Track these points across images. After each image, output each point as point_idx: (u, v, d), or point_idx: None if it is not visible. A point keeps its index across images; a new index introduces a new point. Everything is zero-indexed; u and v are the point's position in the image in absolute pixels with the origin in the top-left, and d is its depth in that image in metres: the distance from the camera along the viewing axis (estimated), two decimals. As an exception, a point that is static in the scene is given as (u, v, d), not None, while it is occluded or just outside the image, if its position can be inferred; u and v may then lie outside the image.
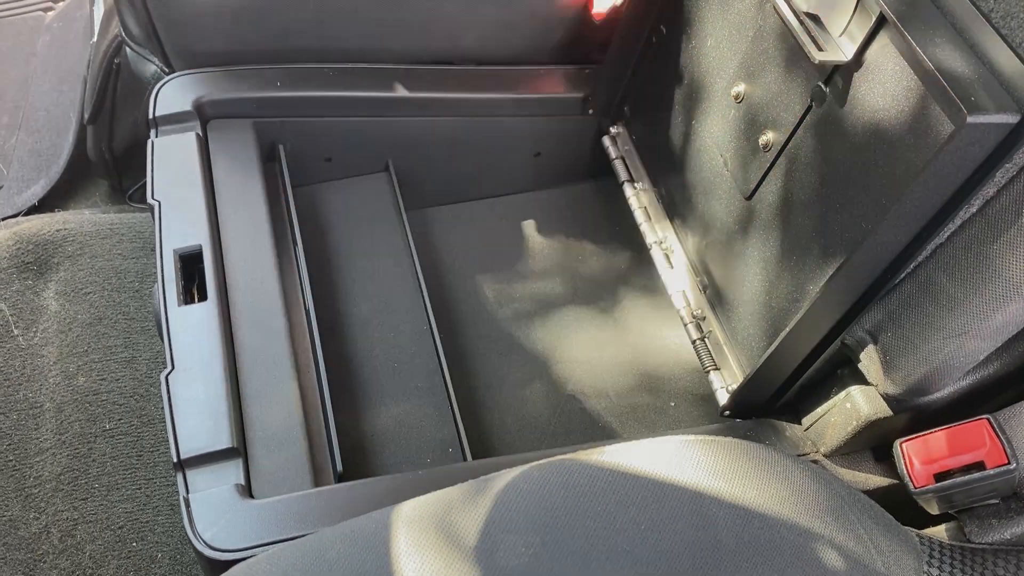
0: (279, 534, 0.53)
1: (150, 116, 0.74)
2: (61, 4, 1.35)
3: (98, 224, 0.93)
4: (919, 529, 0.60)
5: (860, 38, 0.54)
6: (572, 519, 0.48)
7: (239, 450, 0.57)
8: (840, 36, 0.56)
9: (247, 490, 0.56)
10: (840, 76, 0.57)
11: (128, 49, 0.97)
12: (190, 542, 0.53)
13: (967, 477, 0.56)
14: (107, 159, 1.07)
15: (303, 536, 0.50)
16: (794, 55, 0.61)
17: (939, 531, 0.62)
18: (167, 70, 0.94)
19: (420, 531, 0.48)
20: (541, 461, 0.52)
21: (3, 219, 1.07)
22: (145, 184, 0.71)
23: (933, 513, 0.61)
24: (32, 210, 1.09)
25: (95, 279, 0.89)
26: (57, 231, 0.91)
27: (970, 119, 0.46)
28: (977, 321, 0.54)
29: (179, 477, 0.56)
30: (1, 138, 1.18)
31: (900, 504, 0.59)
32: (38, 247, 0.90)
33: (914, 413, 0.62)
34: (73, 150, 1.14)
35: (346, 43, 0.78)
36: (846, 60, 0.55)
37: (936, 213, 0.52)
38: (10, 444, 0.80)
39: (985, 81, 0.48)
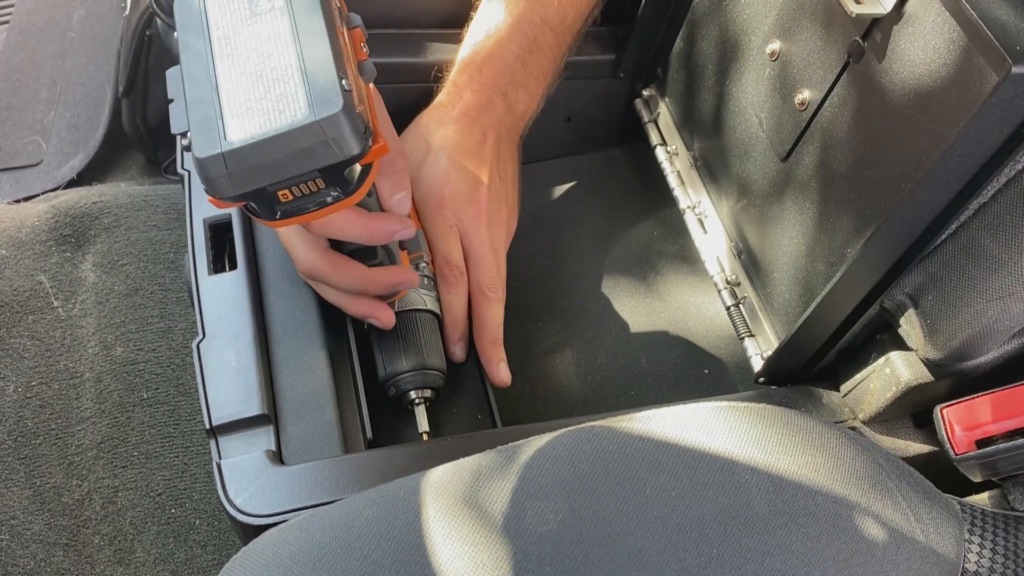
0: (309, 500, 0.54)
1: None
2: (95, -22, 1.36)
3: (133, 196, 0.94)
4: (961, 497, 0.59)
5: (900, -11, 0.52)
6: (601, 485, 0.48)
7: (270, 417, 0.57)
8: (879, -12, 0.54)
9: (278, 456, 0.56)
10: (879, 30, 0.55)
11: (159, 21, 0.97)
12: (223, 507, 0.54)
13: (1010, 443, 0.54)
14: (142, 132, 1.08)
15: (333, 502, 0.51)
16: (830, 9, 0.59)
17: (982, 499, 0.61)
18: (197, 41, 0.94)
19: (449, 497, 0.48)
20: (571, 428, 0.52)
21: (43, 193, 1.09)
22: (179, 156, 0.71)
23: (975, 480, 0.59)
24: (71, 184, 1.11)
25: (131, 251, 0.90)
26: (93, 204, 0.93)
27: (1015, 69, 0.44)
28: (1022, 283, 0.52)
29: (211, 443, 0.56)
30: (40, 112, 1.20)
31: (941, 471, 0.58)
32: (75, 220, 0.91)
33: (956, 379, 0.60)
34: (109, 123, 1.15)
35: (371, 9, 0.77)
36: (885, 12, 0.53)
37: (979, 170, 0.50)
38: (52, 413, 0.82)
39: (1033, 30, 0.46)
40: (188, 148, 0.49)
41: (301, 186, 0.47)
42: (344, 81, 0.46)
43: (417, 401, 0.63)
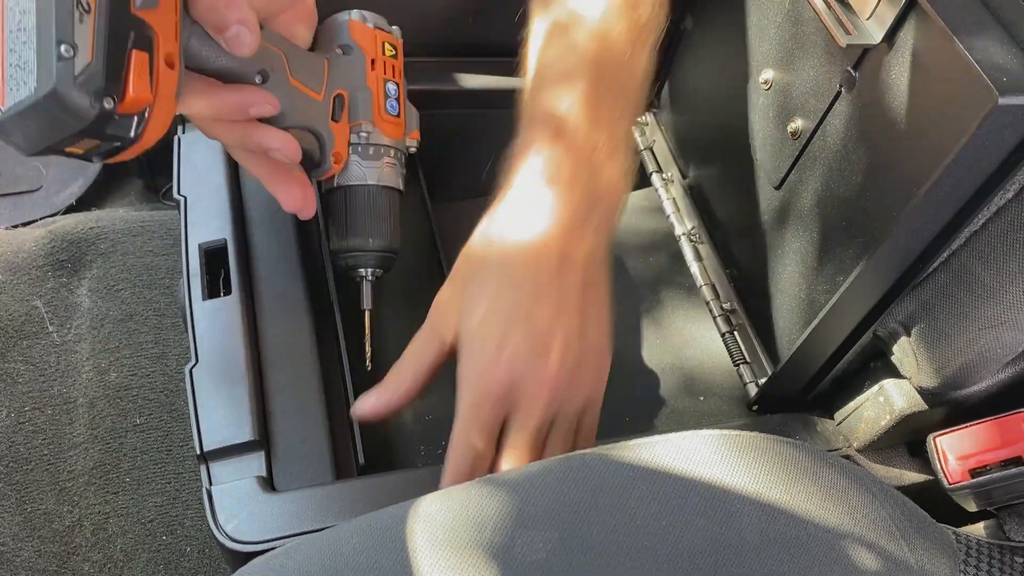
0: (299, 527, 0.53)
1: (176, 112, 0.74)
2: (98, 6, 1.37)
3: (130, 222, 0.95)
4: (956, 527, 0.59)
5: (889, 20, 0.53)
6: (591, 514, 0.47)
7: (261, 443, 0.57)
8: (869, 19, 0.54)
9: (268, 483, 0.56)
10: (870, 60, 0.55)
11: (158, 48, 0.98)
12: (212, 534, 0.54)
13: (1004, 473, 0.54)
14: (140, 158, 1.08)
15: (323, 529, 0.50)
16: (823, 40, 0.60)
17: (977, 529, 0.60)
18: (196, 68, 0.94)
19: (437, 526, 0.47)
20: (562, 455, 0.51)
21: (41, 218, 1.09)
22: (177, 182, 0.72)
23: (970, 510, 0.59)
24: (70, 210, 1.11)
25: (127, 276, 0.90)
26: (90, 229, 0.93)
27: (1001, 100, 0.44)
28: (1013, 311, 0.52)
29: (202, 469, 0.56)
30: (40, 139, 1.20)
31: (936, 501, 0.57)
32: (72, 245, 0.92)
33: (950, 407, 0.60)
34: (109, 150, 1.15)
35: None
36: (876, 43, 0.54)
37: (968, 199, 0.51)
38: (45, 439, 0.81)
39: (1020, 62, 0.46)
40: None
41: (82, 142, 0.45)
42: (63, 47, 0.42)
43: (364, 277, 0.67)
